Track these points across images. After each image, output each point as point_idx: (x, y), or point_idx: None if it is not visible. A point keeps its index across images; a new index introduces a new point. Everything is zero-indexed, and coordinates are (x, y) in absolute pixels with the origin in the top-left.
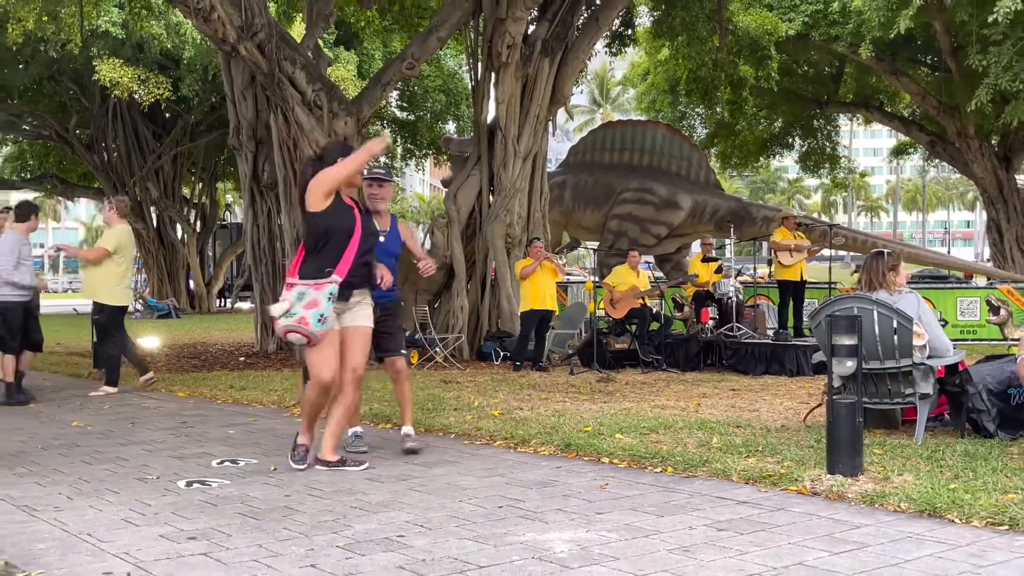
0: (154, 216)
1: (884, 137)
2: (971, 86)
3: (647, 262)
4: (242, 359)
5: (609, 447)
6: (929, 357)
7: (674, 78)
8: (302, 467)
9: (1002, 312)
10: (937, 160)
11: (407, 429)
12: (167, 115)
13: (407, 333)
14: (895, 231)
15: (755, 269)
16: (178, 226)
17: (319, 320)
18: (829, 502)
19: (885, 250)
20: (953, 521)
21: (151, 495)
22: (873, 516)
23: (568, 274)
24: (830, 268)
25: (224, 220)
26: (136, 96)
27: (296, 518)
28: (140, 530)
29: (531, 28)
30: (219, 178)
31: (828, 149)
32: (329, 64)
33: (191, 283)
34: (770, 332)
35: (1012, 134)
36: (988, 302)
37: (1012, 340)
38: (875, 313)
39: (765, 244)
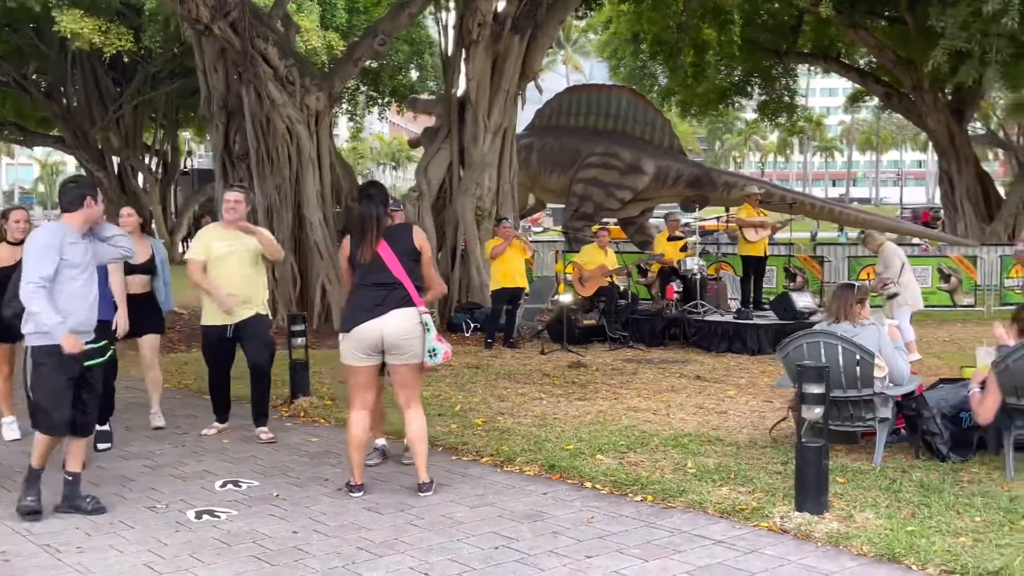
0: (115, 165)
1: (841, 79)
2: (927, 40)
3: (606, 220)
4: None
5: (591, 470)
6: (889, 385)
7: (637, 29)
8: None
9: (952, 280)
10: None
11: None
12: (126, 61)
13: None
14: (849, 171)
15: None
16: (139, 174)
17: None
18: (798, 542)
19: (855, 283)
20: (911, 568)
21: (165, 531)
22: (838, 561)
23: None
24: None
25: (186, 167)
26: (97, 47)
27: (308, 563)
28: None
29: (501, 6)
30: (180, 125)
31: (786, 98)
32: (298, 31)
33: (155, 232)
34: (732, 304)
35: (964, 88)
36: (939, 270)
37: (962, 306)
38: (839, 348)
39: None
